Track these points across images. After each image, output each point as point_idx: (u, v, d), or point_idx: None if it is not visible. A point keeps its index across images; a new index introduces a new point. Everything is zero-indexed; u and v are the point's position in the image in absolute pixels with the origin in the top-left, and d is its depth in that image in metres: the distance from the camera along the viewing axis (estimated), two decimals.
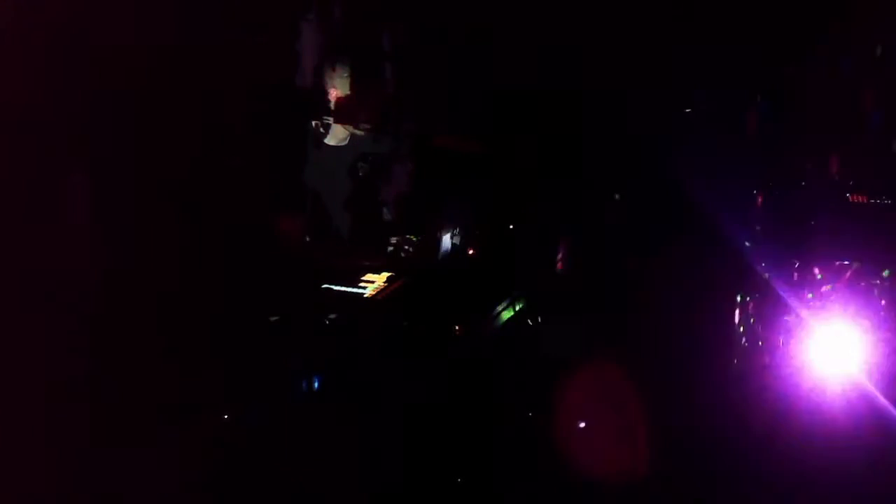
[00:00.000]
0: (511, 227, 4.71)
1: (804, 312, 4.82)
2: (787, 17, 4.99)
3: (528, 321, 4.53)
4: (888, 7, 4.95)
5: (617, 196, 5.10)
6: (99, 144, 3.88)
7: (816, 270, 4.88)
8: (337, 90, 4.66)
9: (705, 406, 4.50)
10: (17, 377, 3.57)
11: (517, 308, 4.48)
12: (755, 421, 4.45)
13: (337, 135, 4.69)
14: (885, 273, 4.81)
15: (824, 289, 4.86)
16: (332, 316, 4.07)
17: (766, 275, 4.90)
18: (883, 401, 4.52)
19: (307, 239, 4.52)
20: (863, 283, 4.82)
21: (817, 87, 5.12)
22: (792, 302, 4.85)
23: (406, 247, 4.41)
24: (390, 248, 4.43)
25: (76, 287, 3.82)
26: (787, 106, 5.14)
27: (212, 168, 4.12)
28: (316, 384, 4.01)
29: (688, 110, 5.23)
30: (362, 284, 4.24)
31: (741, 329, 4.93)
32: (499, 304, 4.39)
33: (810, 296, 4.87)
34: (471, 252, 4.43)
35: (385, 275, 4.28)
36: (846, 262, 4.86)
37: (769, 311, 4.89)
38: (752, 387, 4.69)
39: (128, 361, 3.77)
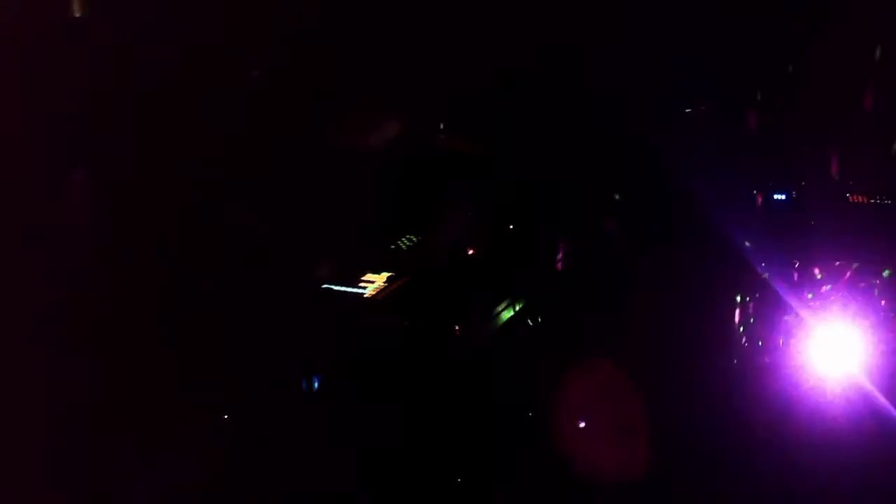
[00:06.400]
0: (511, 227, 4.71)
1: (804, 312, 4.82)
2: (786, 15, 5.00)
3: (529, 321, 4.52)
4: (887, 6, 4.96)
5: (617, 196, 5.10)
6: (102, 144, 3.89)
7: (816, 270, 4.88)
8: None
9: (705, 405, 4.50)
10: (18, 377, 3.58)
11: (517, 308, 4.48)
12: (755, 420, 4.45)
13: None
14: (886, 273, 4.81)
15: (824, 289, 4.86)
16: (333, 316, 4.07)
17: (767, 275, 4.90)
18: (883, 400, 4.53)
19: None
20: (862, 283, 4.82)
21: (817, 86, 5.12)
22: (792, 302, 4.85)
23: (406, 247, 4.41)
24: (391, 248, 4.43)
25: (76, 287, 3.83)
26: (787, 106, 5.14)
27: (214, 169, 4.12)
28: (316, 384, 4.01)
29: (688, 110, 5.23)
30: (362, 284, 4.24)
31: (741, 329, 4.92)
32: (499, 304, 4.38)
33: (810, 295, 4.87)
34: (471, 252, 4.43)
35: (385, 275, 4.28)
36: (846, 262, 4.86)
37: (769, 310, 4.89)
38: (753, 386, 4.69)
39: (128, 361, 3.78)
